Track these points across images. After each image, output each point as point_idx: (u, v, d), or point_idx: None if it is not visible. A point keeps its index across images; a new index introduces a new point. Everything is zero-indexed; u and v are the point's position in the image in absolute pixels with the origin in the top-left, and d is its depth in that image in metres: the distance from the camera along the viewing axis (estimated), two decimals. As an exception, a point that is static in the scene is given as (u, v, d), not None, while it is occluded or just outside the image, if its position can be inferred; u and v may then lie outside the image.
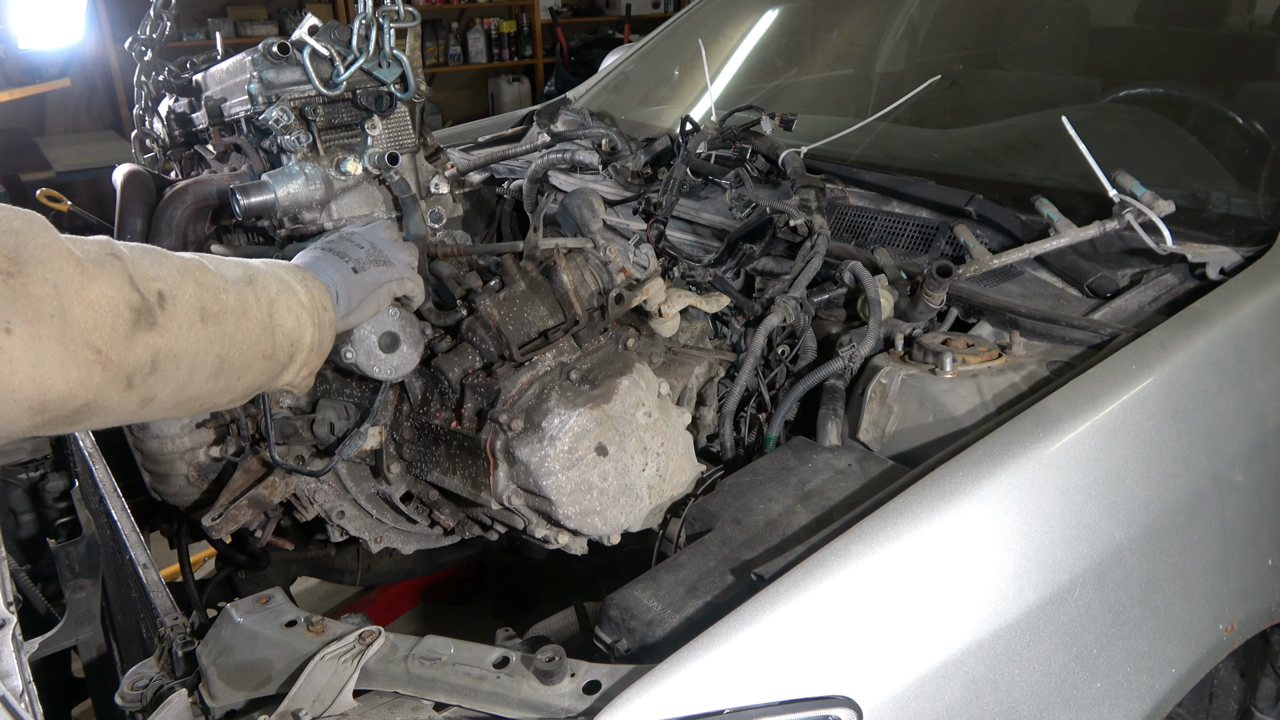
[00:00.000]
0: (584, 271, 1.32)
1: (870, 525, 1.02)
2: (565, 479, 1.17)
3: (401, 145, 1.39)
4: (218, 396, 0.97)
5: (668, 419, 1.28)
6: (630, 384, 1.23)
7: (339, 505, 1.45)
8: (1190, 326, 1.29)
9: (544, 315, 1.28)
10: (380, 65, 1.33)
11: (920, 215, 1.78)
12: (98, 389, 0.81)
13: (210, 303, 0.92)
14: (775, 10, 2.96)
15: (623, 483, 1.22)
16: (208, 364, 0.92)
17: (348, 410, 1.36)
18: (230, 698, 1.01)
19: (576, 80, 3.56)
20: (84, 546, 1.68)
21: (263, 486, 1.36)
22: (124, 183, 1.45)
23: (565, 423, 1.17)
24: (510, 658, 0.97)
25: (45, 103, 6.14)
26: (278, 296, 1.00)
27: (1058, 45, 2.33)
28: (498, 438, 1.20)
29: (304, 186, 1.31)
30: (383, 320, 1.19)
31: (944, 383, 1.32)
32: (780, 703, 0.90)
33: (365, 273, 1.15)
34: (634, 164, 2.15)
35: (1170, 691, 1.16)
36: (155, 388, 0.87)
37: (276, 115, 1.28)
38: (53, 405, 0.78)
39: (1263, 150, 1.74)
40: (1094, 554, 1.10)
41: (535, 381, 1.23)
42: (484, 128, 2.89)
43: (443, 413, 1.28)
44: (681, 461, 1.30)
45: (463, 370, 1.25)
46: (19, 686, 1.02)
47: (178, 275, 0.90)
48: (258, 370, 0.99)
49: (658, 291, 1.43)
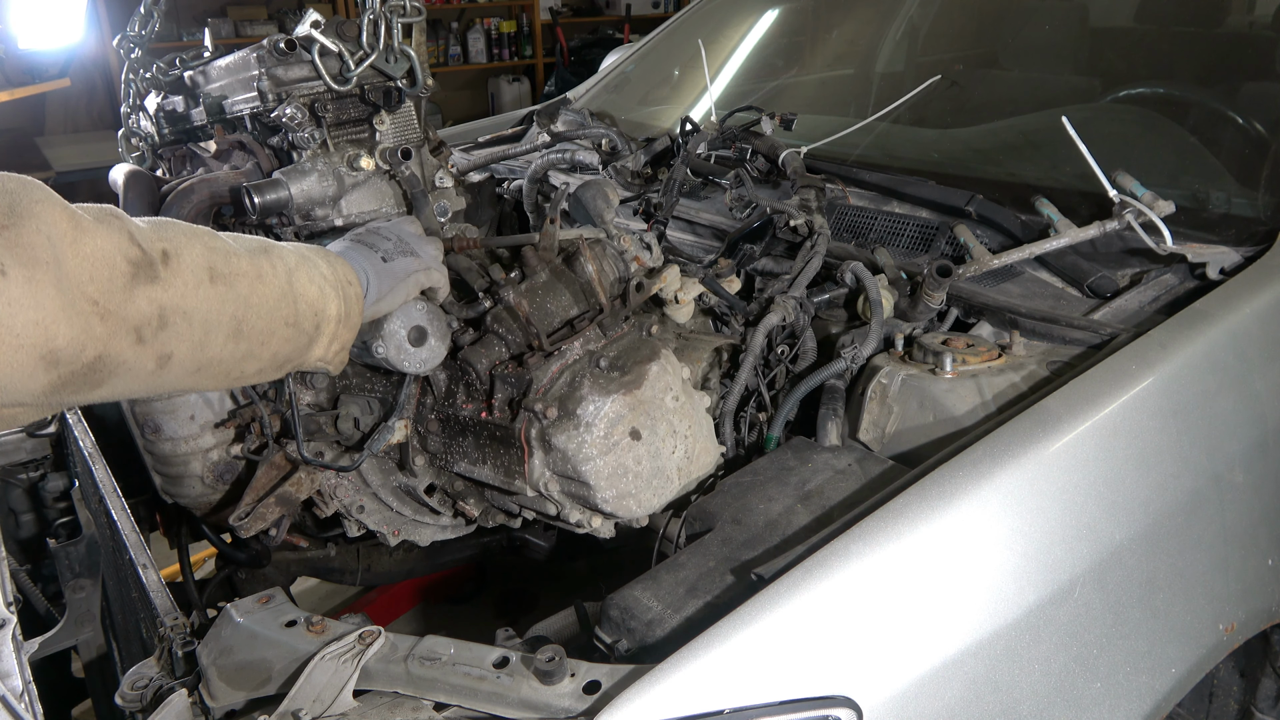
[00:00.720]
0: (604, 261, 1.34)
1: (870, 525, 1.02)
2: (603, 464, 1.20)
3: (408, 140, 1.40)
4: (244, 363, 0.97)
5: (692, 402, 1.32)
6: (659, 369, 1.26)
7: (359, 500, 1.45)
8: (1190, 326, 1.29)
9: (567, 304, 1.31)
10: (388, 60, 1.33)
11: (920, 215, 1.78)
12: (103, 340, 0.81)
13: (220, 264, 0.92)
14: (775, 10, 2.96)
15: (655, 465, 1.25)
16: (224, 325, 0.92)
17: (371, 405, 1.37)
18: (230, 698, 1.01)
19: (576, 80, 3.56)
20: (84, 546, 1.68)
21: (290, 483, 1.36)
22: (126, 182, 1.44)
23: (600, 409, 1.20)
24: (510, 658, 0.97)
25: (45, 103, 6.14)
26: (297, 267, 1.01)
27: (1058, 45, 2.33)
28: (532, 426, 1.22)
29: (318, 183, 1.31)
30: (410, 314, 1.21)
31: (944, 383, 1.32)
32: (780, 703, 0.90)
33: (394, 262, 1.16)
34: (634, 164, 2.15)
35: (1170, 691, 1.16)
36: (170, 343, 0.87)
37: (291, 112, 1.28)
38: (64, 356, 0.78)
39: (1263, 150, 1.74)
40: (1094, 554, 1.10)
41: (566, 370, 1.25)
42: (484, 128, 2.89)
43: (470, 404, 1.29)
44: (706, 443, 1.33)
45: (491, 361, 1.27)
46: (19, 686, 1.02)
47: (184, 236, 0.90)
48: (282, 338, 0.99)
49: (674, 279, 1.46)
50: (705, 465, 1.34)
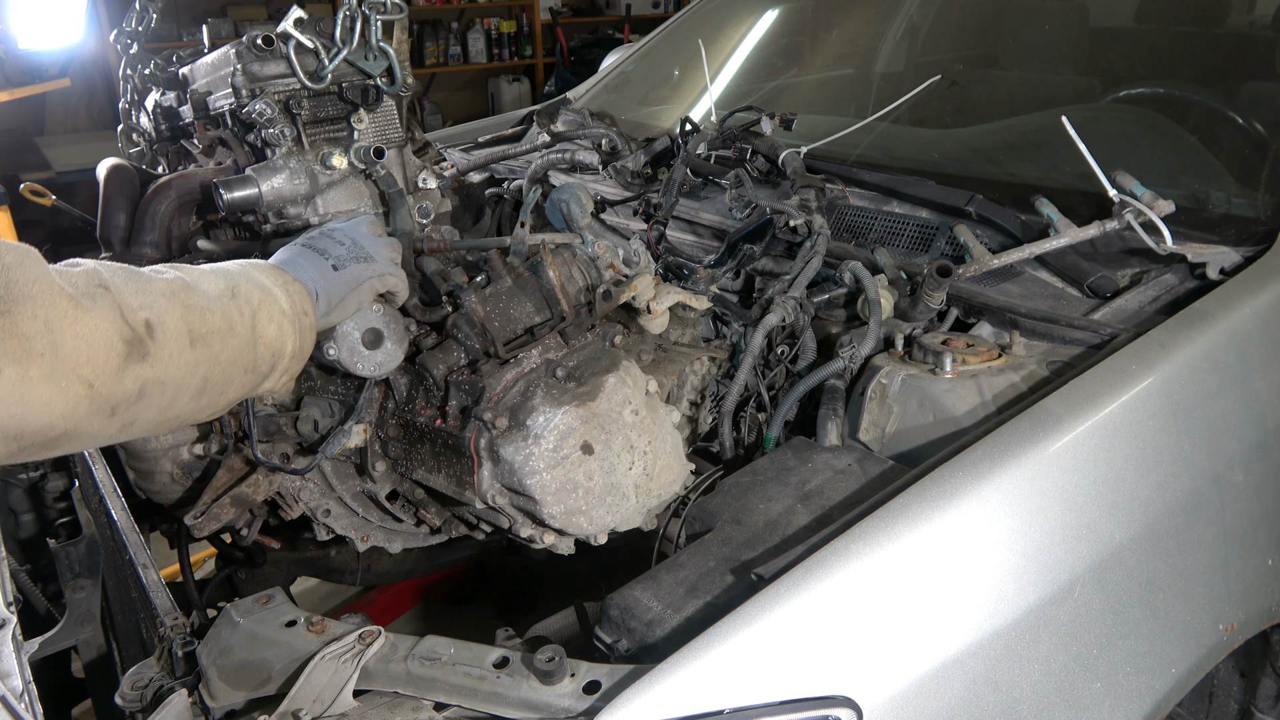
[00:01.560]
0: (571, 267, 1.30)
1: (870, 525, 1.02)
2: (550, 478, 1.16)
3: (389, 139, 1.37)
4: (198, 414, 0.96)
5: (655, 417, 1.27)
6: (617, 381, 1.22)
7: (324, 504, 1.42)
8: (1190, 326, 1.29)
9: (530, 312, 1.26)
10: (366, 58, 1.31)
11: (920, 215, 1.78)
12: (80, 419, 0.80)
13: (197, 324, 0.91)
14: (775, 10, 2.96)
15: (609, 481, 1.21)
16: (192, 386, 0.91)
17: (332, 407, 1.34)
18: (230, 698, 1.01)
19: (576, 80, 3.56)
20: (84, 546, 1.68)
21: (246, 485, 1.34)
22: (107, 177, 1.43)
23: (550, 421, 1.16)
24: (510, 658, 0.97)
25: (45, 103, 6.14)
26: (260, 307, 0.99)
27: (1058, 45, 2.33)
28: (482, 436, 1.18)
29: (288, 181, 1.29)
30: (366, 316, 1.17)
31: (944, 383, 1.32)
32: (780, 703, 0.90)
33: (346, 270, 1.13)
34: (634, 164, 2.15)
35: (1170, 691, 1.16)
36: (138, 414, 0.86)
37: (260, 108, 1.26)
38: (29, 435, 0.78)
39: (1263, 150, 1.74)
40: (1094, 554, 1.10)
41: (521, 379, 1.21)
42: (484, 128, 2.89)
43: (427, 410, 1.26)
44: (670, 460, 1.28)
45: (447, 367, 1.23)
46: (19, 686, 1.02)
47: (164, 300, 0.89)
48: (239, 384, 0.98)
49: (646, 287, 1.40)
50: (668, 484, 1.28)
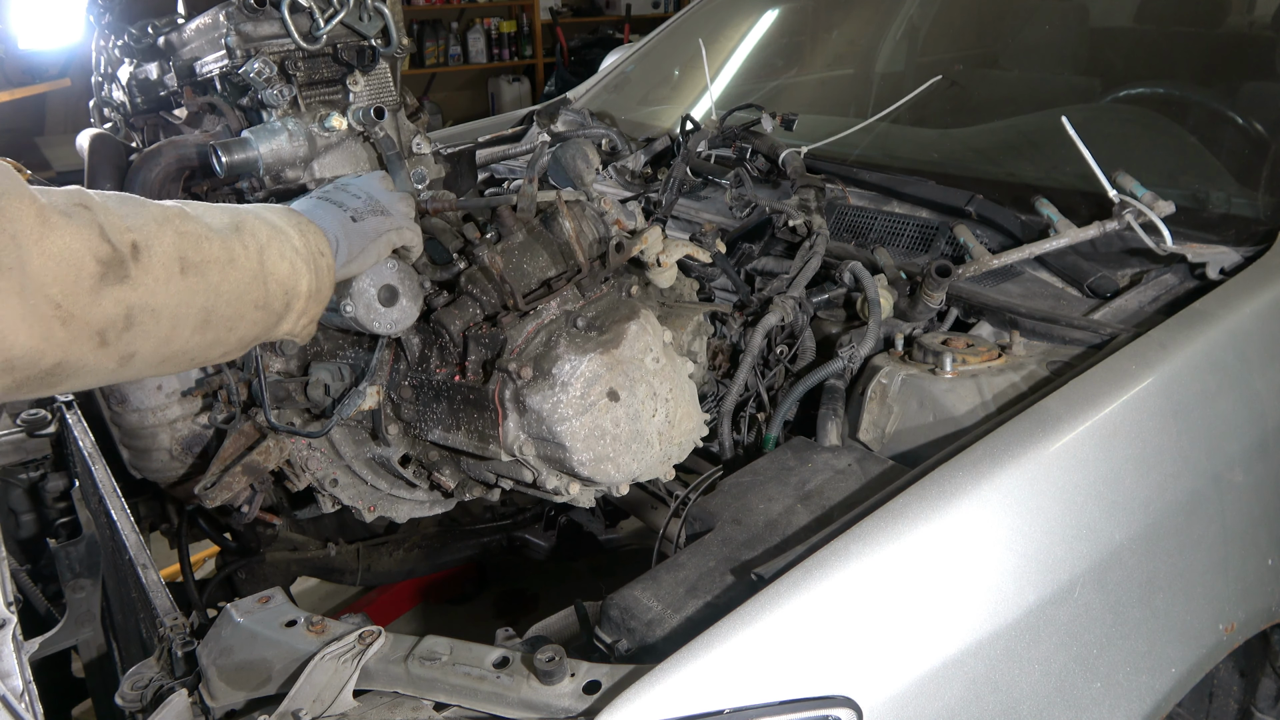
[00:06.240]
0: (582, 221, 1.30)
1: (870, 525, 1.02)
2: (579, 425, 1.16)
3: (384, 102, 1.35)
4: (208, 350, 0.93)
5: (674, 365, 1.28)
6: (638, 329, 1.22)
7: (332, 473, 1.40)
8: (1190, 326, 1.29)
9: (545, 264, 1.27)
10: (362, 19, 1.29)
11: (920, 215, 1.78)
12: (64, 346, 0.78)
13: (191, 252, 0.87)
14: (775, 10, 2.96)
15: (634, 428, 1.22)
16: (191, 317, 0.88)
17: (342, 372, 1.33)
18: (230, 698, 1.01)
19: (576, 80, 3.56)
20: (84, 546, 1.68)
21: (257, 453, 1.32)
22: (91, 147, 1.40)
23: (576, 368, 1.16)
24: (510, 658, 0.97)
25: (45, 103, 6.13)
26: (268, 243, 0.96)
27: (1058, 45, 2.33)
28: (506, 387, 1.18)
29: (288, 143, 1.27)
30: (381, 273, 1.16)
31: (944, 383, 1.32)
32: (780, 703, 0.90)
33: (364, 221, 1.11)
34: (634, 164, 2.16)
35: (1170, 691, 1.16)
36: (134, 344, 0.83)
37: (259, 68, 1.24)
38: (19, 364, 0.75)
39: (1263, 150, 1.74)
40: (1094, 554, 1.10)
41: (542, 330, 1.21)
42: (484, 128, 2.89)
43: (444, 368, 1.25)
44: (688, 408, 1.30)
45: (465, 323, 1.22)
46: (19, 686, 1.02)
47: (155, 224, 0.85)
48: (250, 321, 0.95)
49: (655, 240, 1.40)
50: (687, 431, 1.29)
